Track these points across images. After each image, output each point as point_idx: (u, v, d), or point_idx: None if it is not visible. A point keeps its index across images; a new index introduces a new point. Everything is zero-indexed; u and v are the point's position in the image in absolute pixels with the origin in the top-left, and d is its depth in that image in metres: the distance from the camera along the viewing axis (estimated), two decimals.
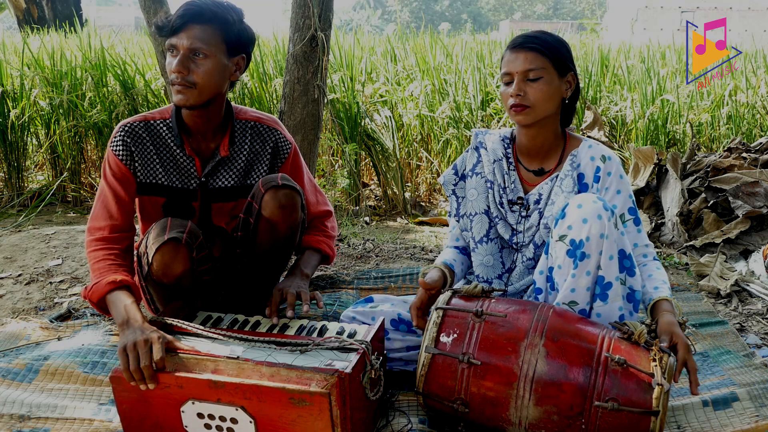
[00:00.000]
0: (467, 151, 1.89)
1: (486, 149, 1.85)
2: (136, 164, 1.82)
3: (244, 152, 1.89)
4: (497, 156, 1.83)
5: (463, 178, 1.89)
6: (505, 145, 1.85)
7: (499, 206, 1.81)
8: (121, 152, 1.80)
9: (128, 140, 1.80)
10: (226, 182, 1.88)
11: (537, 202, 1.79)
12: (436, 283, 1.73)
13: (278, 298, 1.75)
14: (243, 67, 1.81)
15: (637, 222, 1.73)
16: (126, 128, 1.81)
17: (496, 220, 1.81)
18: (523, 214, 1.80)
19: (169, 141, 1.83)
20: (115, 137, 1.81)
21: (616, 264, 1.55)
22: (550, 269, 1.63)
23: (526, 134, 1.77)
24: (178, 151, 1.83)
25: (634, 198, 1.74)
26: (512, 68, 1.69)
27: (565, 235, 1.56)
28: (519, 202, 1.81)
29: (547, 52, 1.67)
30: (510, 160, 1.84)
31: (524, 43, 1.69)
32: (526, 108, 1.68)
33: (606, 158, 1.73)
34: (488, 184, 1.82)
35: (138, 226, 1.96)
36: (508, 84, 1.71)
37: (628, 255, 1.58)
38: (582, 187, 1.74)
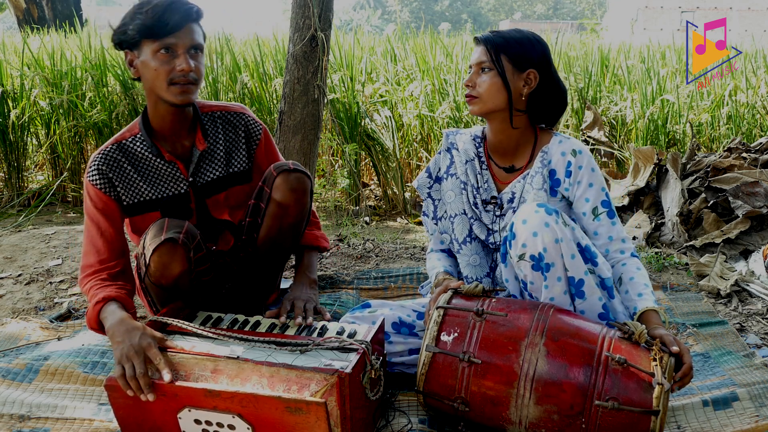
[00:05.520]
0: (439, 153, 1.89)
1: (458, 150, 1.85)
2: (118, 189, 1.80)
3: (220, 142, 1.90)
4: (469, 156, 1.83)
5: (438, 180, 1.88)
6: (477, 144, 1.85)
7: (473, 207, 1.81)
8: (98, 181, 1.78)
9: (104, 167, 1.78)
10: (211, 175, 1.88)
11: (510, 200, 1.78)
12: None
13: (286, 310, 1.76)
14: None
15: (611, 215, 1.72)
16: (99, 157, 1.80)
17: (472, 220, 1.81)
18: (498, 213, 1.80)
19: (146, 154, 1.81)
20: (90, 168, 1.79)
21: (580, 260, 1.57)
22: (524, 284, 1.64)
23: (489, 129, 1.79)
24: (157, 161, 1.82)
25: (607, 190, 1.75)
26: (471, 60, 1.76)
27: (523, 253, 1.57)
28: (493, 201, 1.81)
29: (500, 47, 1.70)
30: (482, 158, 1.83)
31: (481, 38, 1.75)
32: (474, 98, 1.73)
33: (577, 152, 1.73)
34: (462, 185, 1.82)
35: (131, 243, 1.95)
36: None
37: (585, 246, 1.60)
38: (554, 182, 1.75)
